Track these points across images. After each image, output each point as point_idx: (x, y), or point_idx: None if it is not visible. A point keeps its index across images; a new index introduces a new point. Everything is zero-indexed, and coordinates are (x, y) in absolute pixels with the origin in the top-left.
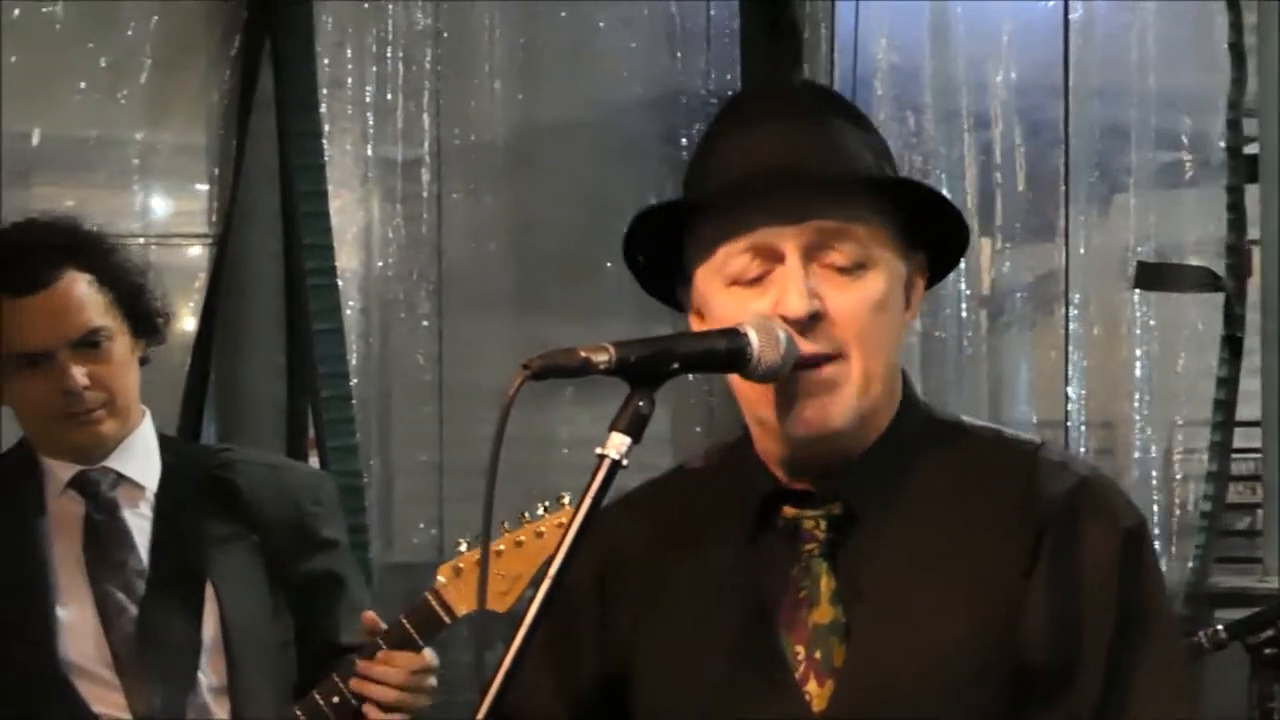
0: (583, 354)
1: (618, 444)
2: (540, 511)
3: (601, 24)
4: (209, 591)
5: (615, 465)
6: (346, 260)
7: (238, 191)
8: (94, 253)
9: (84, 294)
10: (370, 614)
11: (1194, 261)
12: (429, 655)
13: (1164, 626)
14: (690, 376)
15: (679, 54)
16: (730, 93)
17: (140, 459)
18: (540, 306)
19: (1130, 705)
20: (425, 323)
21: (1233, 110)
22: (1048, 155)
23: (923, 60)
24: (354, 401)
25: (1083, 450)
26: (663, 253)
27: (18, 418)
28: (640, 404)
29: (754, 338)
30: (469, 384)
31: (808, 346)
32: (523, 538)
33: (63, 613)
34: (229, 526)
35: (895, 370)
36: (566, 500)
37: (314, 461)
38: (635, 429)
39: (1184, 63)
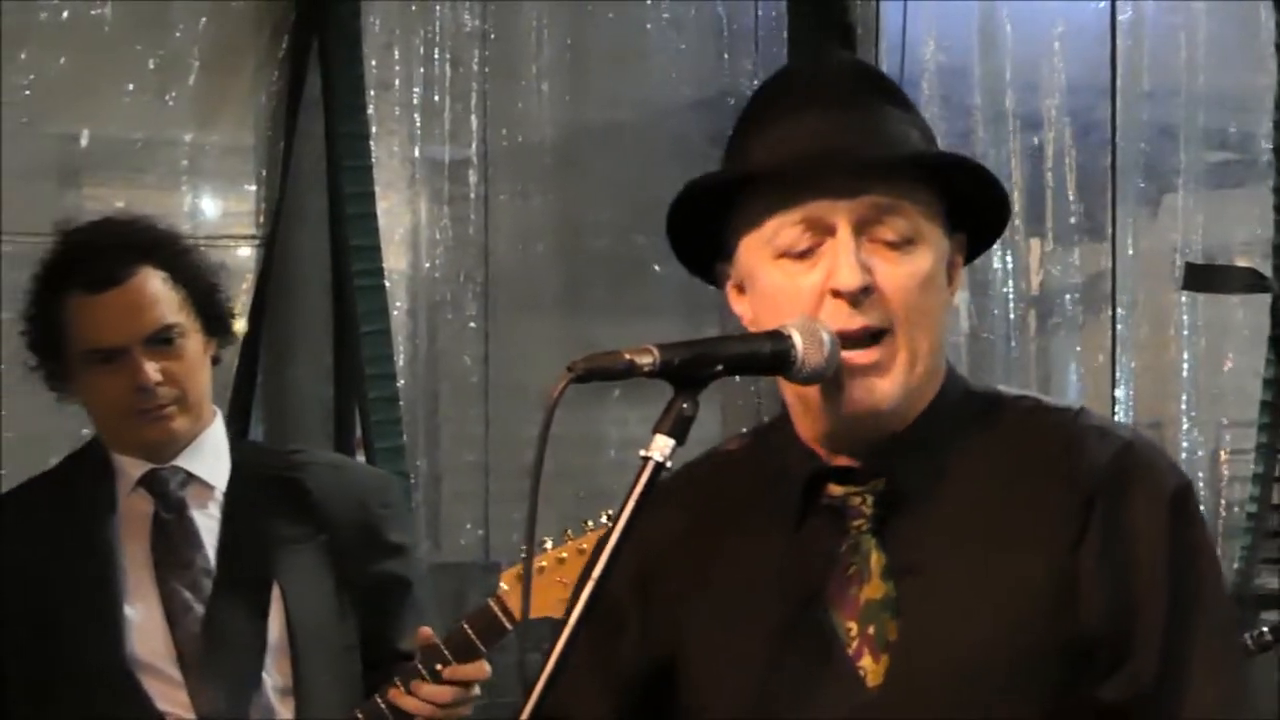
0: (627, 356)
1: (661, 446)
2: (604, 519)
3: (649, 25)
4: (275, 592)
5: (659, 467)
6: (394, 261)
7: (285, 193)
8: (169, 251)
9: (158, 291)
10: (426, 630)
11: (1241, 262)
12: (485, 668)
13: (1215, 588)
14: (737, 378)
15: (726, 55)
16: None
17: (210, 458)
18: (587, 307)
19: (1188, 672)
20: (472, 324)
21: (1279, 111)
22: (1097, 156)
23: (971, 61)
24: (401, 403)
25: None
26: (703, 226)
27: (90, 414)
28: (684, 406)
29: (798, 340)
30: (515, 385)
31: (857, 320)
32: (585, 545)
33: (130, 610)
34: (297, 527)
35: (940, 347)
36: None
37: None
38: (679, 431)
39: (1233, 63)
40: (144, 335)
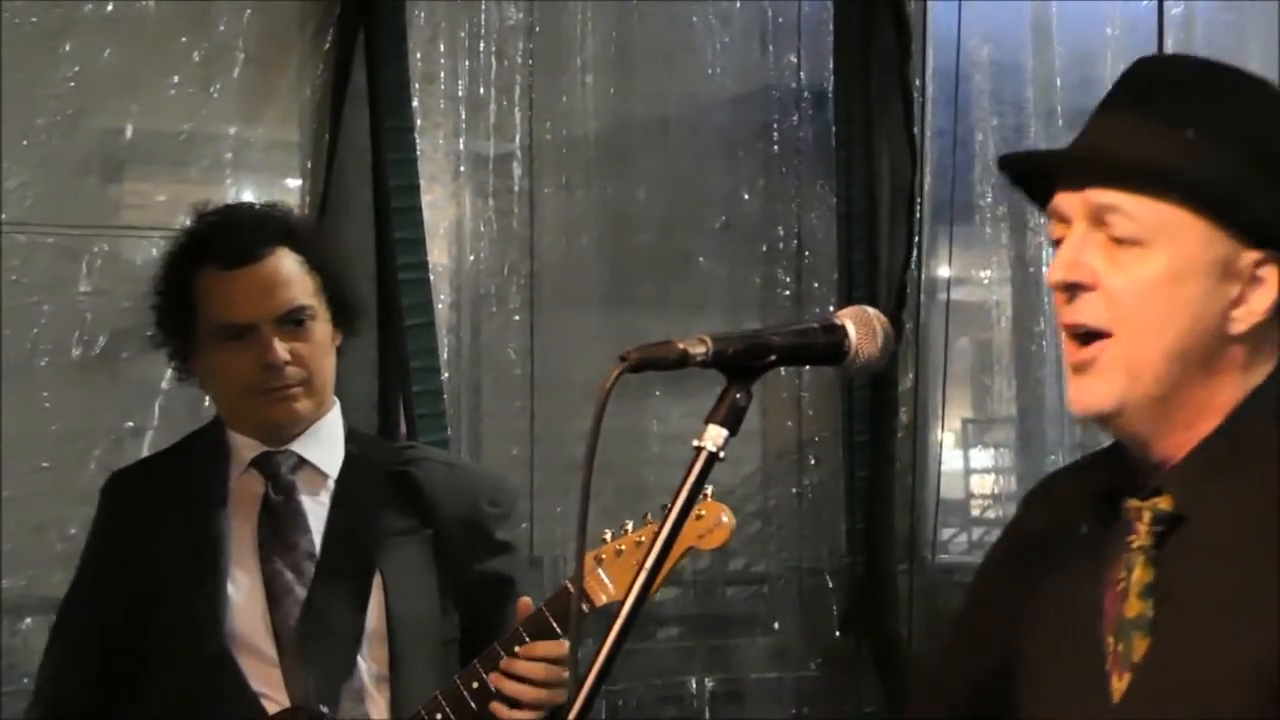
0: (680, 346)
1: (714, 436)
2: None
3: (694, 19)
4: (377, 581)
5: (712, 457)
6: (438, 255)
7: (330, 186)
8: (306, 236)
9: (293, 272)
10: (526, 599)
11: None
12: (564, 645)
13: None
14: (781, 370)
15: (771, 48)
16: (823, 86)
17: (325, 446)
18: (631, 301)
19: None
20: (516, 317)
21: None
22: None
23: (1024, 57)
24: (445, 396)
25: None
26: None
27: (213, 393)
28: (738, 396)
29: (851, 330)
30: (560, 378)
31: (1070, 315)
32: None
33: (232, 588)
34: (405, 520)
35: (1194, 358)
36: (708, 492)
37: None
38: (732, 421)
39: None
40: (276, 314)
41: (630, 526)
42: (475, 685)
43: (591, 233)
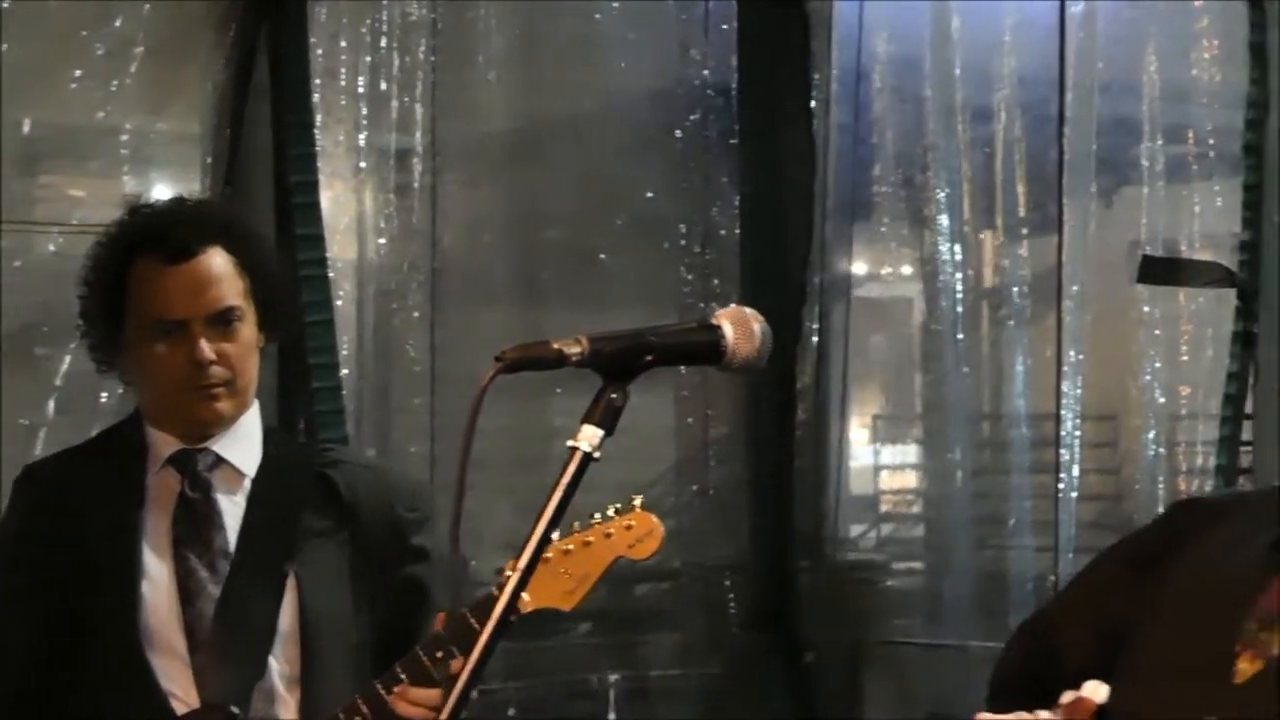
0: (556, 346)
1: (589, 436)
2: (610, 513)
3: (599, 16)
4: (292, 581)
5: (587, 457)
6: (339, 251)
7: (231, 181)
8: (241, 236)
9: (225, 272)
10: (444, 615)
11: (1203, 256)
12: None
13: None
14: (681, 369)
15: (677, 46)
16: (728, 84)
17: (243, 445)
18: (537, 297)
19: None
20: (417, 313)
21: (1253, 109)
22: (1049, 149)
23: (923, 53)
24: (345, 393)
25: (1077, 443)
26: None
27: (138, 387)
28: (613, 396)
29: (728, 330)
30: (463, 374)
31: None
32: (591, 539)
33: (146, 584)
34: (322, 521)
35: None
36: (637, 503)
37: None
38: (607, 421)
39: (1191, 55)
40: (206, 312)
41: (556, 535)
42: (397, 689)
43: (496, 229)
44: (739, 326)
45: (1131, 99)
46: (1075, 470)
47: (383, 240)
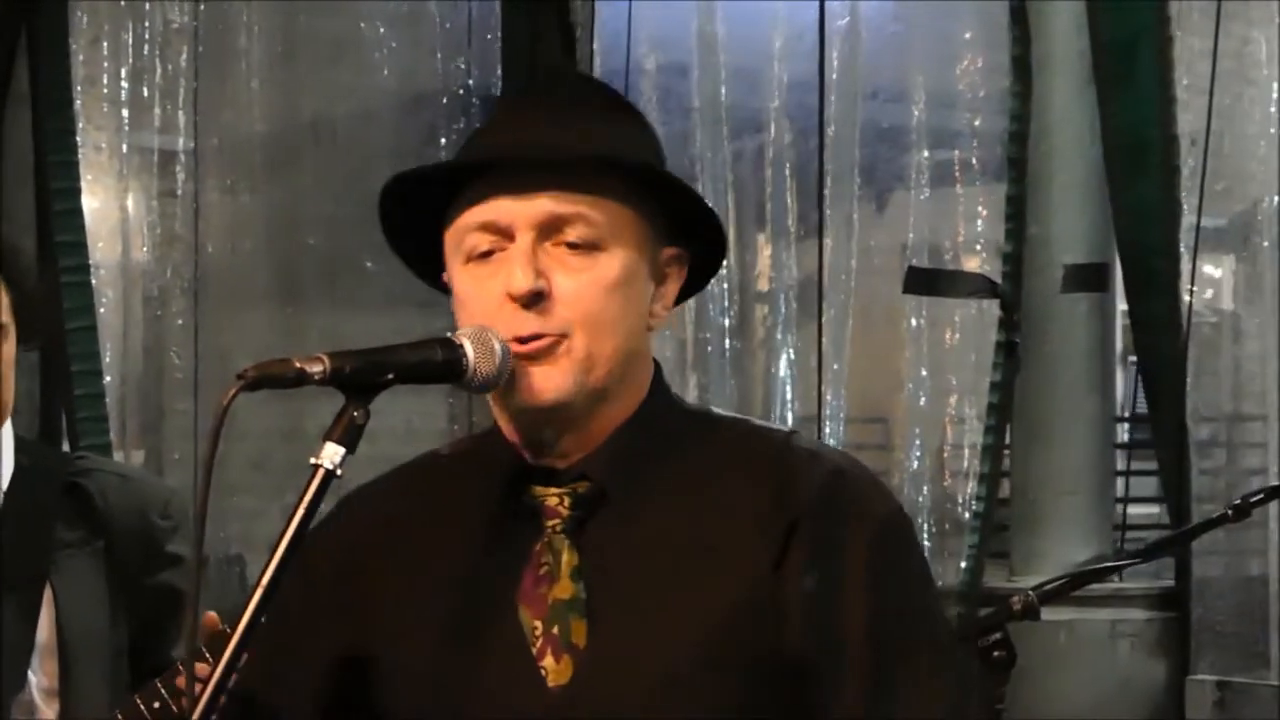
0: (298, 365)
1: (331, 454)
2: None
3: (362, 24)
4: (48, 594)
5: (329, 475)
6: (101, 257)
7: None
8: (5, 252)
9: None
10: (213, 614)
11: (971, 260)
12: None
13: (923, 620)
14: None
15: (439, 53)
16: (491, 91)
17: None
18: (299, 304)
19: (893, 705)
20: (180, 320)
21: (1015, 121)
22: (816, 157)
23: (690, 62)
24: (108, 400)
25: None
26: (425, 229)
27: None
28: (355, 414)
29: (469, 349)
30: (225, 380)
31: (530, 325)
32: None
33: None
34: (75, 532)
35: (632, 354)
36: None
37: None
38: (350, 439)
39: (956, 67)
40: None
41: None
42: (157, 705)
43: (258, 235)
44: (480, 345)
45: (899, 107)
46: None
47: (145, 247)
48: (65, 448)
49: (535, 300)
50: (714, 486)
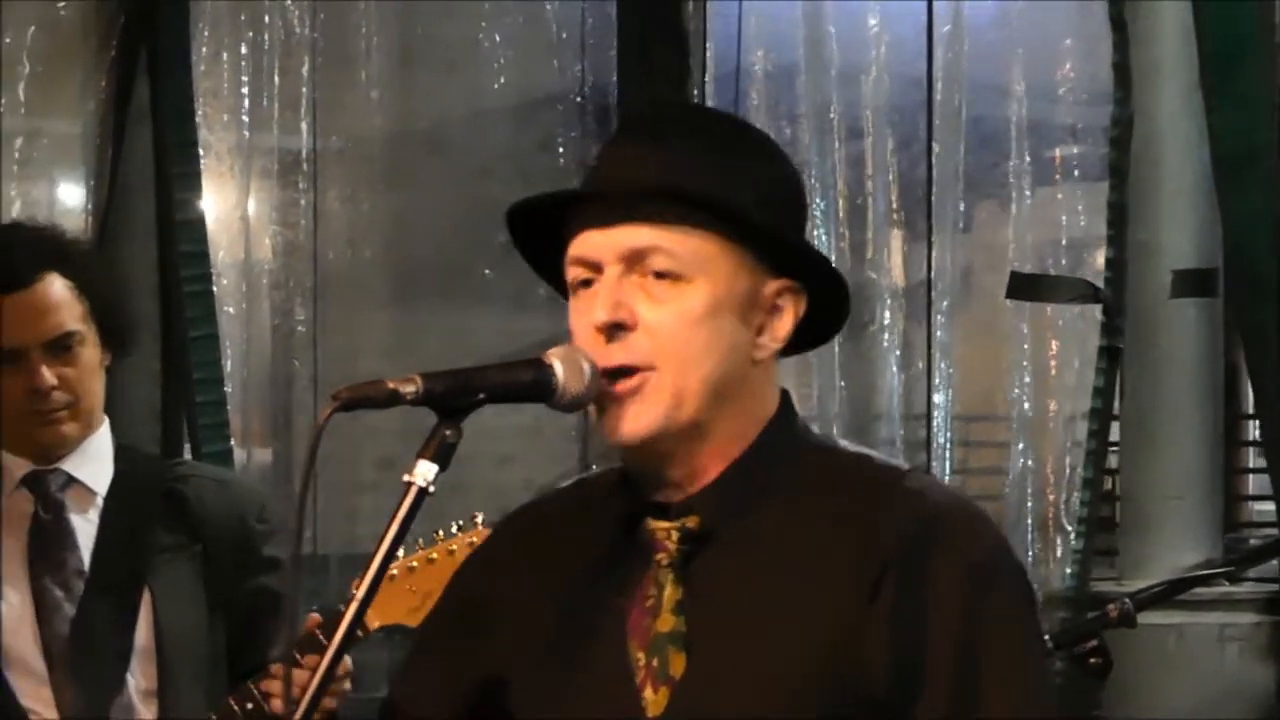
0: (391, 386)
1: (425, 472)
2: (454, 530)
3: (479, 32)
4: (146, 597)
5: (422, 493)
6: (223, 266)
7: (114, 199)
8: (76, 260)
9: (61, 297)
10: (315, 615)
11: (1082, 262)
12: (346, 662)
13: (1016, 658)
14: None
15: (555, 61)
16: (607, 99)
17: (94, 464)
18: (415, 311)
19: None
20: (301, 327)
21: (1115, 128)
22: (920, 162)
23: (798, 68)
24: (229, 408)
25: (947, 451)
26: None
27: None
28: (447, 433)
29: (559, 369)
30: (350, 382)
31: (615, 356)
32: (435, 555)
33: (4, 607)
34: (174, 537)
35: (727, 387)
36: (480, 520)
37: None
38: (442, 457)
39: (1058, 67)
40: (43, 340)
41: (401, 553)
42: (250, 706)
43: (375, 242)
44: (569, 364)
45: (999, 112)
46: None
47: (266, 256)
48: (187, 454)
49: (618, 331)
50: (818, 525)
